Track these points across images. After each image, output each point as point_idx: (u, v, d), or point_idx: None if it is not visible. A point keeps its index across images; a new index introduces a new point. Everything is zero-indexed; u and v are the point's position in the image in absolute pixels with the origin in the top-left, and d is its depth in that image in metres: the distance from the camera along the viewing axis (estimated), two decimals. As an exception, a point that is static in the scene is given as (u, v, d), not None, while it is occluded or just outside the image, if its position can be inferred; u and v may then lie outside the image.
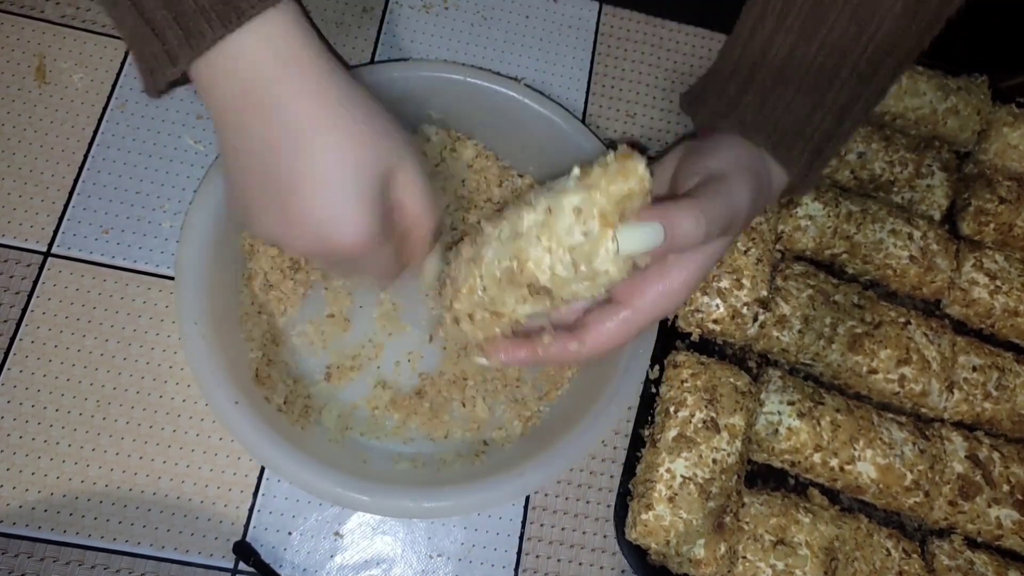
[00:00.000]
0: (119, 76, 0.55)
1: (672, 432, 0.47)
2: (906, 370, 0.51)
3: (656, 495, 0.45)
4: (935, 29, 0.39)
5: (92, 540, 0.45)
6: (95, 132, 0.53)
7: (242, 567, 0.45)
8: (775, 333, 0.52)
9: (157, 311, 0.50)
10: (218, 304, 0.44)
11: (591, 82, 0.61)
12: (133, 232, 0.51)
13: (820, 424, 0.49)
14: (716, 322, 0.51)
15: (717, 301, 0.50)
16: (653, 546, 0.45)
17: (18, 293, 0.49)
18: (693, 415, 0.47)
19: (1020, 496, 0.49)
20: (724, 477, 0.46)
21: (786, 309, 0.52)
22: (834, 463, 0.48)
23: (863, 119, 0.41)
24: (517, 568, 0.48)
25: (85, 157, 0.52)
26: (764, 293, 0.51)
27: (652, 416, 0.49)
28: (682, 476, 0.45)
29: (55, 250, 0.50)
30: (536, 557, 0.48)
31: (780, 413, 0.49)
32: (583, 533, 0.49)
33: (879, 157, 0.58)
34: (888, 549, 0.48)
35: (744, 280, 0.51)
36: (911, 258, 0.54)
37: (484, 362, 0.39)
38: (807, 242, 0.55)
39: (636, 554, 0.46)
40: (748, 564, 0.46)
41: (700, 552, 0.45)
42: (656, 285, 0.36)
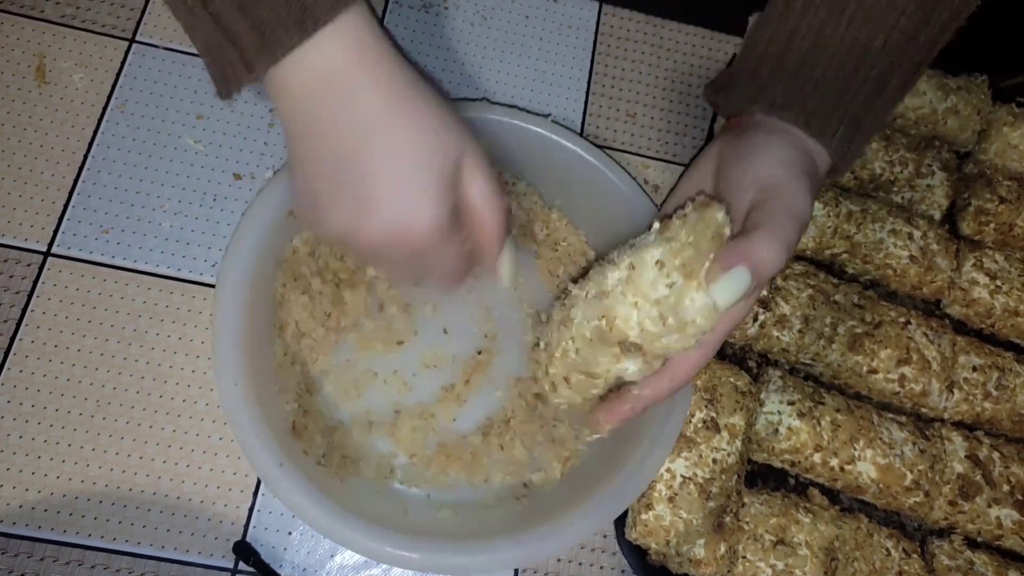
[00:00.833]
0: (119, 76, 0.55)
1: (672, 432, 0.47)
2: (906, 370, 0.51)
3: (656, 495, 0.45)
4: (971, 3, 0.38)
5: (92, 540, 0.45)
6: (95, 132, 0.53)
7: (242, 567, 0.45)
8: (775, 333, 0.52)
9: (157, 311, 0.50)
10: (256, 360, 0.43)
11: (591, 82, 0.61)
12: (133, 232, 0.51)
13: (820, 424, 0.49)
14: (716, 322, 0.51)
15: (717, 301, 0.50)
16: (653, 546, 0.45)
17: (18, 293, 0.49)
18: (693, 415, 0.47)
19: (1020, 496, 0.49)
20: (724, 477, 0.46)
21: (786, 309, 0.52)
22: (834, 463, 0.48)
23: (904, 93, 0.40)
24: (517, 568, 0.48)
25: (85, 157, 0.52)
26: (764, 293, 0.51)
27: (652, 416, 0.49)
28: (682, 476, 0.45)
29: (55, 250, 0.50)
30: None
31: (780, 413, 0.49)
32: (583, 533, 0.49)
33: (879, 157, 0.57)
34: (888, 549, 0.48)
35: (744, 280, 0.50)
36: (911, 258, 0.54)
37: (597, 437, 0.40)
38: (807, 242, 0.55)
39: (636, 554, 0.46)
40: (748, 564, 0.46)
41: (700, 552, 0.45)
42: None
